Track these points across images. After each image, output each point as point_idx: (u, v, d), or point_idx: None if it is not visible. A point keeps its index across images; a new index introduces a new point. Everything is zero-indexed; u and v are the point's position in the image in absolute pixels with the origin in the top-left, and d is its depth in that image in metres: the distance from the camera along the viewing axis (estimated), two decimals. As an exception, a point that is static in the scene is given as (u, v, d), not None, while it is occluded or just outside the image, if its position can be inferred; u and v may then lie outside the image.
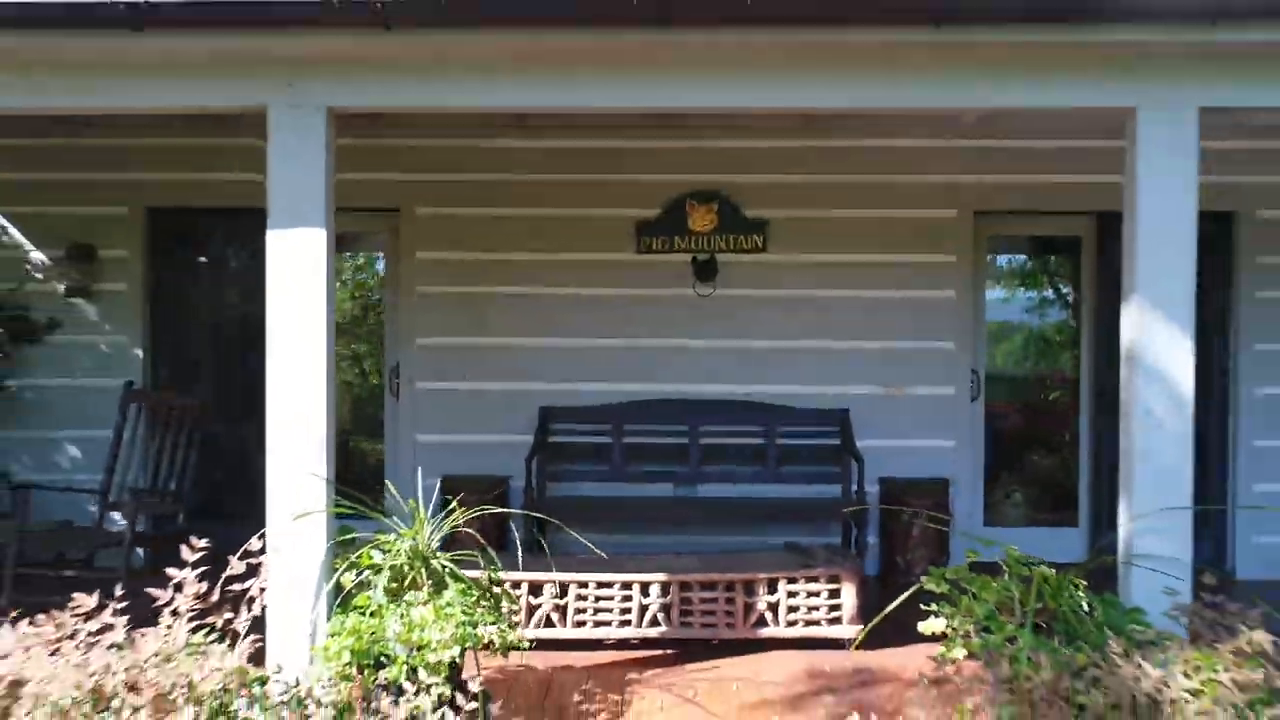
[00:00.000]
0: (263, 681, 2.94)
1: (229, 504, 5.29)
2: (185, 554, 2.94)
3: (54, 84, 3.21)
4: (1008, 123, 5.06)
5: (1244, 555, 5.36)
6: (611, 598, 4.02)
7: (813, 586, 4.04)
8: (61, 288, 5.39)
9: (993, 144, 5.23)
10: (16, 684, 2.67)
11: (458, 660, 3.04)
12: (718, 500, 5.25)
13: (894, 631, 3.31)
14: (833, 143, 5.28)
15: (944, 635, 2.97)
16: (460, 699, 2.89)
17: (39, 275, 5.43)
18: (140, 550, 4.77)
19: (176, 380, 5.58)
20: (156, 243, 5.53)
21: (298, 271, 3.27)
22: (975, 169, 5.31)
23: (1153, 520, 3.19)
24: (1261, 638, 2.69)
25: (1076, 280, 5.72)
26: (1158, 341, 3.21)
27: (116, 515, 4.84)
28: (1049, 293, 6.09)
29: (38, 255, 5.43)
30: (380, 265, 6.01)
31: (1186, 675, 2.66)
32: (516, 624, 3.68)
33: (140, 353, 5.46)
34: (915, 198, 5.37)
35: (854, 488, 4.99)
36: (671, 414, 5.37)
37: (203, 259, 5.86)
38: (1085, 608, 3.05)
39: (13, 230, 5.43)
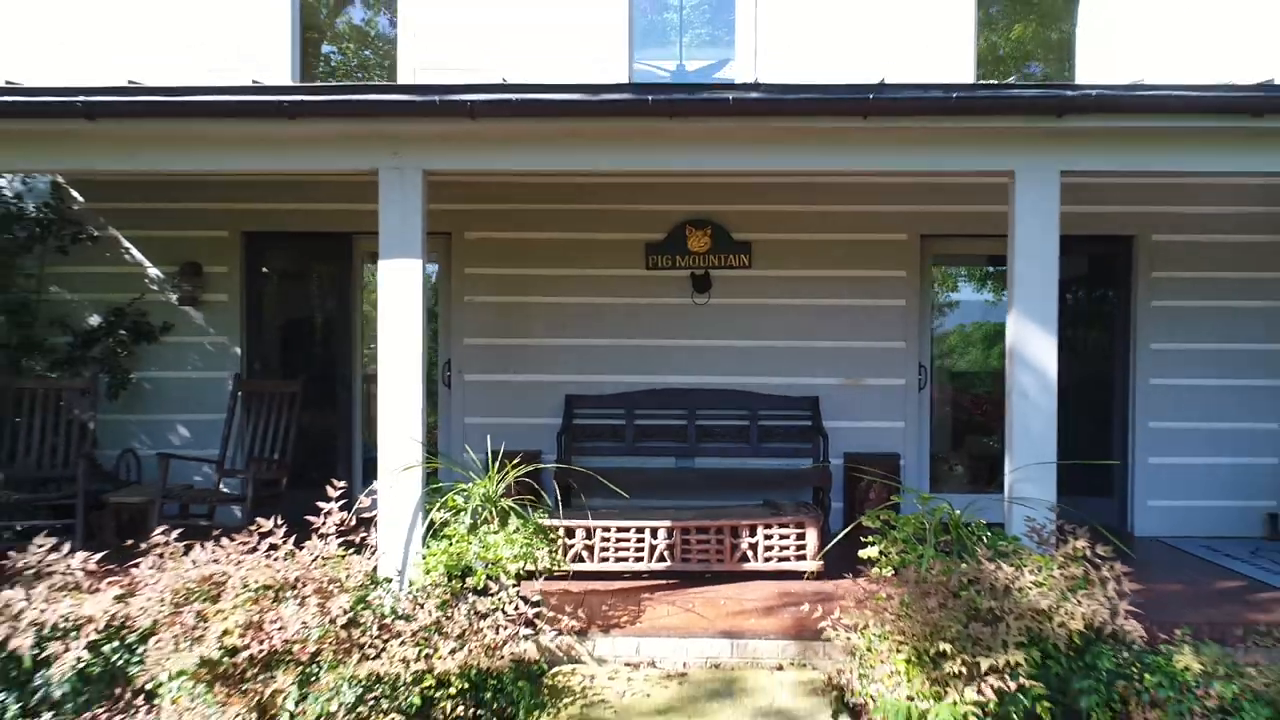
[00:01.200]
0: (387, 581, 4.15)
1: (312, 474, 6.44)
2: (329, 491, 4.15)
3: (228, 156, 4.40)
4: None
5: (1141, 517, 6.56)
6: (627, 540, 5.21)
7: (784, 531, 5.23)
8: (174, 298, 6.57)
9: (935, 181, 6.41)
10: (220, 580, 3.87)
11: (521, 572, 4.23)
12: (711, 470, 6.43)
13: (847, 568, 4.48)
14: (804, 179, 6.46)
15: (876, 560, 4.15)
16: (520, 603, 4.08)
17: (155, 288, 6.62)
18: (236, 508, 5.93)
19: (267, 373, 6.78)
20: (251, 260, 6.73)
21: (401, 290, 4.44)
22: (922, 201, 6.49)
23: (1026, 472, 4.39)
24: (1081, 544, 3.89)
25: (1001, 290, 6.90)
26: (1030, 341, 4.41)
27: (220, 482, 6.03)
28: (989, 297, 7.27)
29: (154, 271, 6.62)
30: (434, 278, 7.18)
31: (1032, 572, 3.86)
32: (557, 556, 4.86)
33: (238, 350, 6.65)
34: (873, 224, 6.56)
35: (822, 460, 6.19)
36: (673, 400, 6.57)
37: (286, 273, 7.06)
38: (978, 536, 4.24)
39: (135, 251, 6.61)
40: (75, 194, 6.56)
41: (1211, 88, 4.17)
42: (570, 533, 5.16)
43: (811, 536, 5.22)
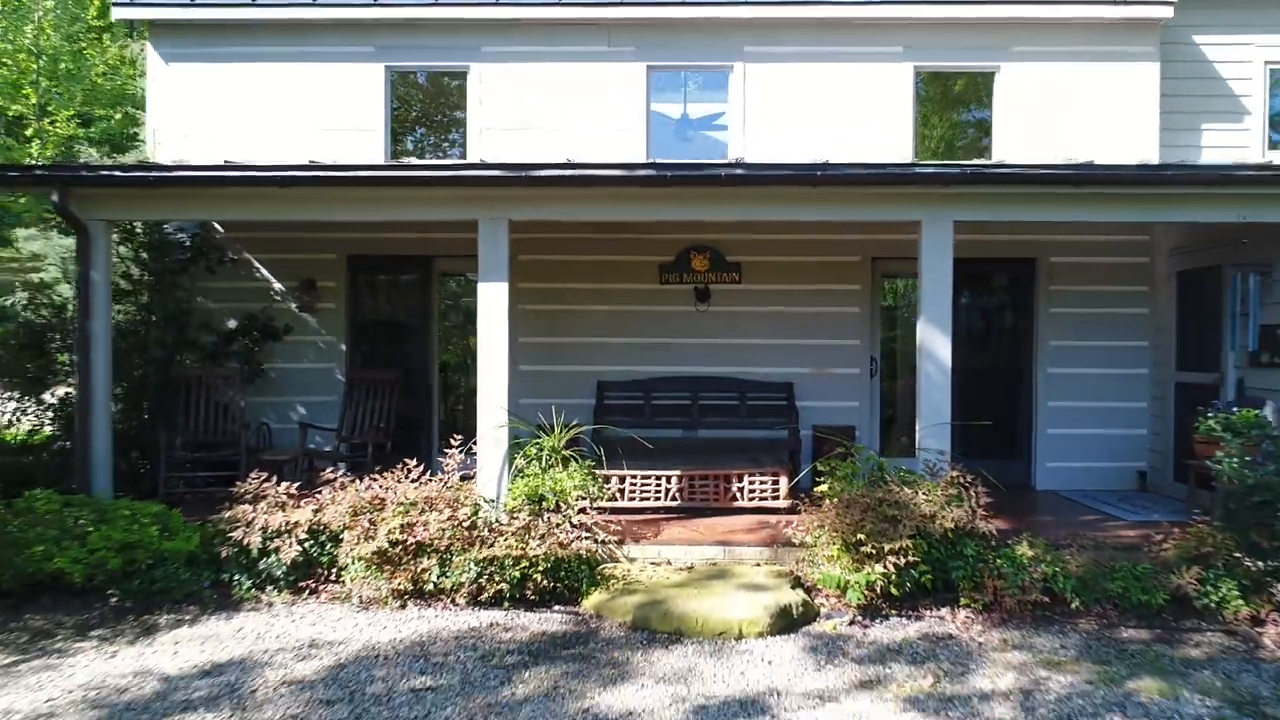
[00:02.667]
0: (489, 502, 6.08)
1: (400, 441, 8.34)
2: (453, 441, 6.07)
3: (375, 209, 6.33)
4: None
5: (1042, 474, 8.49)
6: (650, 485, 7.14)
7: (763, 479, 7.16)
8: (294, 306, 8.49)
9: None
10: (382, 499, 5.78)
11: (578, 499, 6.13)
12: (710, 438, 8.34)
13: (808, 507, 6.37)
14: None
15: (825, 493, 6.04)
16: (579, 519, 5.99)
17: (279, 299, 8.54)
18: (342, 465, 7.83)
19: (365, 365, 8.69)
20: (353, 278, 8.66)
21: (493, 302, 6.36)
22: (872, 232, 8.40)
23: (929, 430, 6.31)
24: (955, 475, 5.81)
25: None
26: (932, 339, 6.33)
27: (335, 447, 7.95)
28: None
29: (278, 286, 8.54)
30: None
31: (925, 494, 5.77)
32: (600, 494, 6.75)
33: (344, 347, 8.57)
34: (834, 249, 8.48)
35: (795, 431, 8.11)
36: (681, 385, 8.49)
37: (379, 287, 8.98)
38: (893, 473, 6.14)
39: (263, 270, 8.53)
40: (217, 226, 8.47)
41: (1042, 167, 6.13)
42: (608, 479, 7.08)
43: (783, 483, 7.15)
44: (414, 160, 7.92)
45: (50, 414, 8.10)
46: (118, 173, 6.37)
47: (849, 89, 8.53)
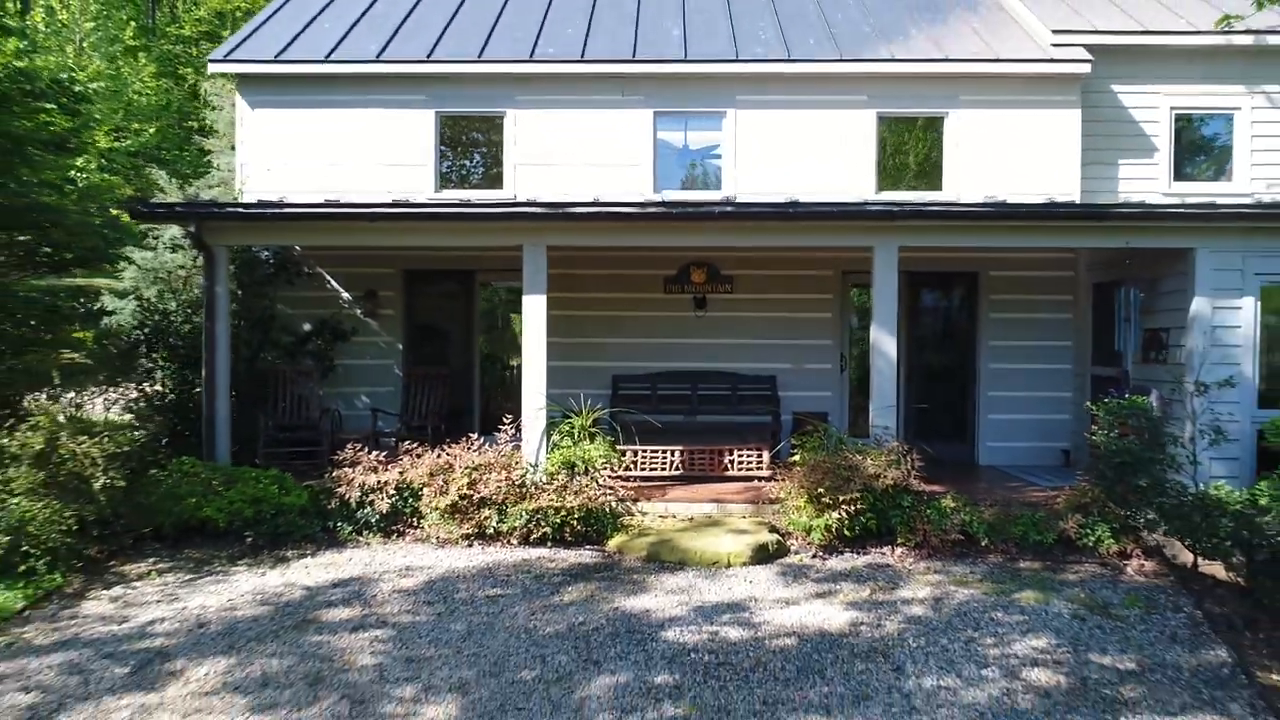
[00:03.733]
0: (532, 467, 7.75)
1: (450, 428, 10.00)
2: (505, 422, 7.75)
3: (438, 236, 8.02)
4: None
5: (984, 453, 10.18)
6: (657, 458, 8.82)
7: (749, 453, 8.84)
8: (359, 312, 10.16)
9: (849, 237, 10.01)
10: (451, 464, 7.46)
11: (603, 466, 7.80)
12: (707, 423, 10.01)
13: (785, 473, 8.07)
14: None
15: (797, 461, 7.71)
16: (604, 480, 7.66)
17: (346, 306, 10.21)
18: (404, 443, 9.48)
19: (419, 362, 10.35)
20: (408, 288, 10.34)
21: (534, 312, 8.03)
22: (840, 250, 10.06)
23: (879, 411, 7.99)
24: (895, 446, 7.49)
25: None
26: (882, 340, 8.01)
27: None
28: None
29: (345, 295, 10.21)
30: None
31: (872, 459, 7.44)
32: (618, 465, 8.41)
33: (401, 347, 10.25)
34: (811, 264, 10.16)
35: (776, 416, 9.79)
36: (682, 378, 10.16)
37: (431, 296, 10.66)
38: (851, 444, 7.81)
39: (333, 282, 10.20)
40: (296, 245, 10.13)
41: (966, 204, 7.83)
42: (624, 453, 8.74)
43: (765, 456, 8.83)
44: (465, 194, 9.64)
45: (143, 403, 9.60)
46: (240, 209, 8.04)
47: (823, 131, 10.20)
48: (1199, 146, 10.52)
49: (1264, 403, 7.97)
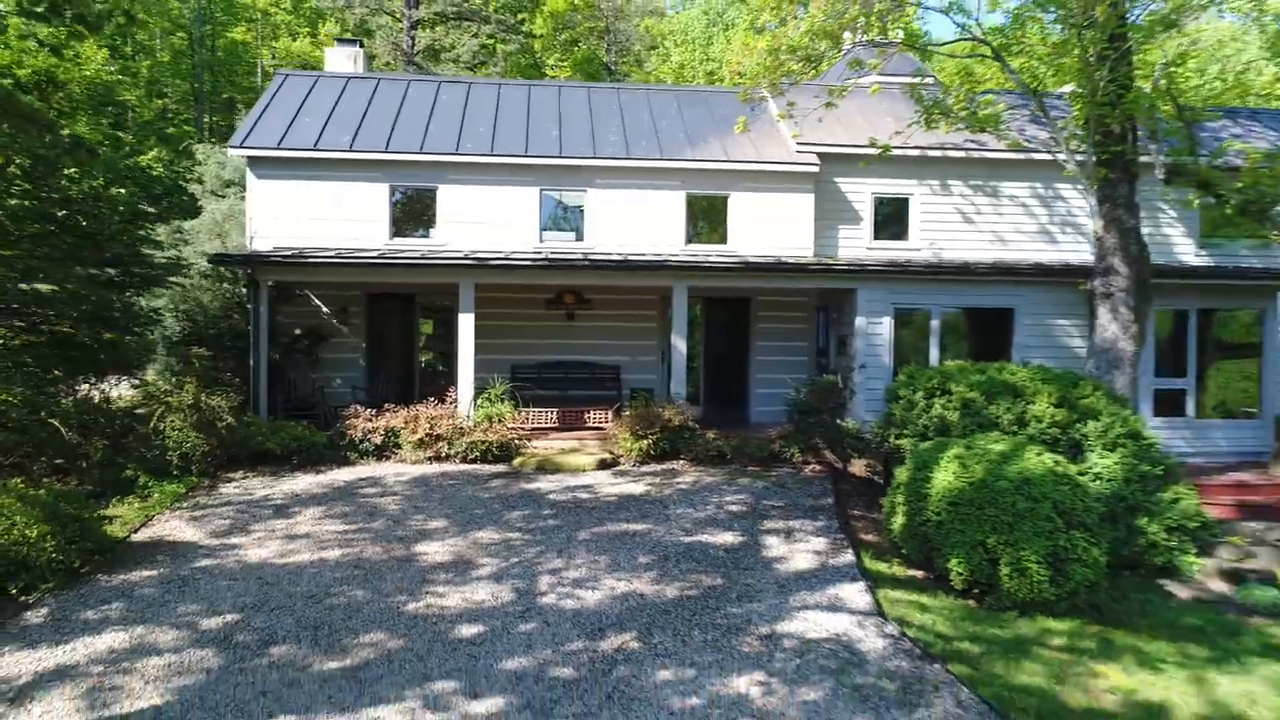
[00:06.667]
0: (466, 418, 12.79)
1: (400, 400, 14.72)
2: (449, 395, 12.71)
3: (408, 274, 12.88)
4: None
5: (755, 414, 15.75)
6: (542, 416, 13.95)
7: (600, 412, 14.08)
8: (335, 322, 14.79)
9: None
10: (416, 415, 12.41)
11: (507, 418, 12.83)
12: (575, 395, 15.13)
13: (620, 422, 13.35)
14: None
15: (628, 416, 12.98)
16: (510, 425, 12.72)
17: (326, 317, 14.81)
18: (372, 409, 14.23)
19: (379, 357, 15.06)
20: (370, 306, 15.04)
21: (466, 325, 12.99)
22: (659, 286, 15.42)
23: (677, 382, 13.36)
24: (683, 404, 12.87)
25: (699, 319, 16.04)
26: (678, 342, 13.37)
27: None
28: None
29: (324, 310, 14.82)
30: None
31: (670, 410, 12.78)
32: (518, 419, 13.42)
33: (365, 345, 14.95)
34: (642, 291, 15.46)
35: (619, 391, 15.04)
36: (558, 366, 15.28)
37: (385, 312, 15.37)
38: (660, 403, 13.13)
39: (315, 300, 14.79)
40: (310, 279, 14.63)
41: (726, 259, 13.31)
42: (522, 413, 13.77)
43: (610, 414, 14.09)
44: (410, 242, 14.43)
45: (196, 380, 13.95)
46: (279, 258, 12.59)
47: (651, 204, 15.52)
48: (889, 218, 16.43)
49: (895, 376, 13.79)
